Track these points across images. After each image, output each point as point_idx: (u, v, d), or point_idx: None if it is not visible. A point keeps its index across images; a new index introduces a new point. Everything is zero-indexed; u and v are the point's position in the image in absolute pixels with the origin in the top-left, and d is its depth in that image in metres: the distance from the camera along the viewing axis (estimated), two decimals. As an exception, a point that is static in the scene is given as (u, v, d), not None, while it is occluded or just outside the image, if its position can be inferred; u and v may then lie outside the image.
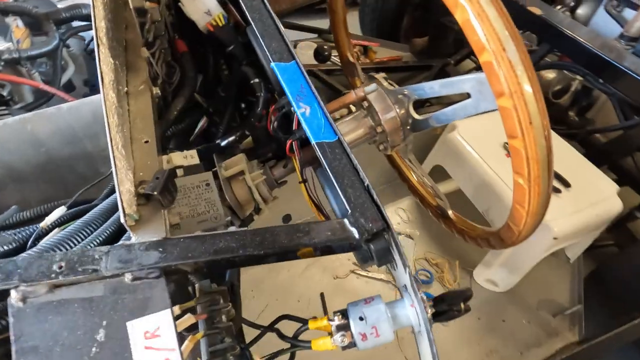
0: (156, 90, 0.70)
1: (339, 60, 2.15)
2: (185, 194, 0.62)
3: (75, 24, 1.43)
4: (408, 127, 0.76)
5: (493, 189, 1.53)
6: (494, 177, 1.53)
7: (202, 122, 0.91)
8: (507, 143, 0.47)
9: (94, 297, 0.44)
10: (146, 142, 0.58)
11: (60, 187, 0.93)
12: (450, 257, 1.82)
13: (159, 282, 0.45)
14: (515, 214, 0.56)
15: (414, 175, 0.99)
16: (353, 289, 1.75)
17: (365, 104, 0.78)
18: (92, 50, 1.68)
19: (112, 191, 0.81)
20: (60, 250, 0.56)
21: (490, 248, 0.73)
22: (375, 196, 0.50)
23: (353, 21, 3.27)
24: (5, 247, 0.62)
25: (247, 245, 0.47)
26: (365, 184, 0.51)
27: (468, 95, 0.58)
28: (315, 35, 2.86)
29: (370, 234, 0.49)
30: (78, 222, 0.62)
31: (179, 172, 0.65)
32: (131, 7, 0.67)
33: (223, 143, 0.85)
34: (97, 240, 0.58)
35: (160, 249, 0.46)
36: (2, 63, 1.08)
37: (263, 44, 0.62)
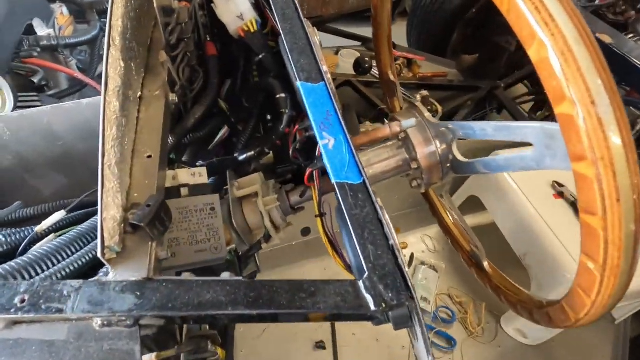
0: (173, 97, 0.64)
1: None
2: (186, 217, 0.56)
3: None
4: (448, 165, 0.66)
5: (535, 232, 1.37)
6: (538, 219, 1.37)
7: (223, 131, 0.85)
8: (557, 183, 0.36)
9: (55, 340, 0.38)
10: (149, 156, 0.52)
11: (74, 182, 0.90)
12: (476, 297, 1.67)
13: (130, 333, 0.38)
14: (576, 299, 0.44)
15: (448, 215, 0.88)
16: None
17: (402, 133, 0.69)
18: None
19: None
20: (42, 267, 0.51)
21: (532, 321, 0.61)
22: (401, 259, 0.41)
23: (400, 32, 3.16)
24: (-5, 251, 0.58)
25: (239, 301, 0.39)
26: (391, 243, 0.42)
27: (528, 144, 0.48)
28: (359, 44, 2.77)
29: (388, 306, 0.40)
30: (67, 236, 0.57)
31: (184, 191, 0.59)
32: (155, 5, 0.62)
33: (240, 158, 0.79)
34: (79, 263, 0.52)
35: (138, 293, 0.39)
36: (39, 49, 1.08)
37: (291, 59, 0.55)
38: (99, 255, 0.39)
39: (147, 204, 0.43)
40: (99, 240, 0.40)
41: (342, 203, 0.45)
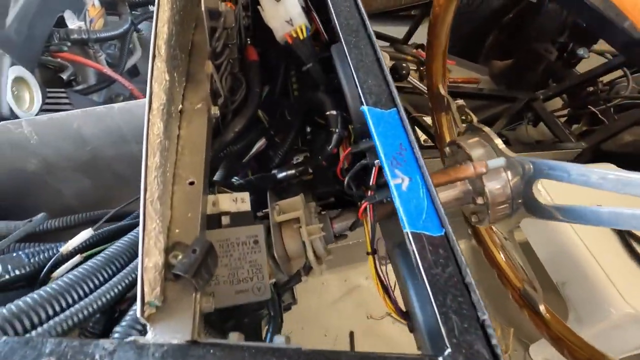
0: (215, 110, 0.58)
1: (415, 80, 1.94)
2: (227, 251, 0.49)
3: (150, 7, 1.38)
4: (520, 201, 0.58)
5: (577, 261, 1.27)
6: (582, 247, 1.27)
7: (260, 144, 0.78)
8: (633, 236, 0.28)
9: (83, 412, 0.32)
10: (191, 183, 0.46)
11: (98, 185, 0.86)
12: (504, 321, 1.58)
13: (170, 409, 0.32)
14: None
15: (500, 248, 0.80)
16: (387, 335, 1.57)
17: (466, 161, 0.61)
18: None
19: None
20: (67, 299, 0.45)
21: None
22: (494, 340, 0.34)
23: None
24: (17, 272, 0.53)
25: (298, 378, 0.33)
26: (482, 320, 0.35)
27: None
28: (387, 44, 2.67)
29: (477, 396, 0.33)
30: (96, 262, 0.51)
31: (225, 219, 0.52)
32: (203, 8, 0.55)
33: (280, 176, 0.72)
34: (110, 294, 0.47)
35: (181, 360, 0.33)
36: (69, 43, 1.04)
37: (356, 78, 0.47)
38: (138, 314, 0.33)
39: (193, 249, 0.37)
40: (138, 295, 0.34)
41: (417, 258, 0.38)
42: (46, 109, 0.93)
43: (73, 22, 1.11)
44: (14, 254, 0.55)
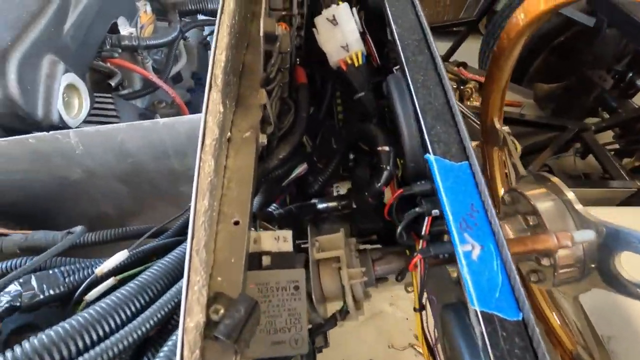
0: (262, 139, 0.55)
1: (463, 107, 1.86)
2: (265, 296, 0.46)
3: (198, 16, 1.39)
4: (593, 266, 0.51)
5: (629, 315, 1.16)
6: (635, 302, 1.15)
7: (302, 169, 0.75)
8: None
9: None
10: (236, 223, 0.43)
11: (137, 199, 0.85)
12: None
13: None
14: None
15: (555, 309, 0.73)
16: (409, 368, 1.49)
17: (529, 214, 0.55)
18: (208, 43, 1.66)
19: (182, 230, 0.70)
20: (98, 328, 0.43)
21: None
22: None
23: (471, 50, 2.93)
24: (52, 292, 0.52)
25: None
26: None
27: None
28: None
29: None
30: (129, 288, 0.49)
31: (265, 259, 0.49)
32: (261, 33, 0.53)
33: (320, 206, 0.69)
34: (142, 330, 0.45)
35: None
36: (120, 50, 1.05)
37: (422, 123, 0.43)
38: (176, 382, 0.30)
39: (237, 308, 0.33)
40: (177, 357, 0.31)
41: (487, 343, 0.33)
42: (92, 114, 0.95)
43: (125, 28, 1.12)
44: (50, 272, 0.54)
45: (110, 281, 0.54)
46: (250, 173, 0.49)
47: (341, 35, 0.65)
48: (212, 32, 1.55)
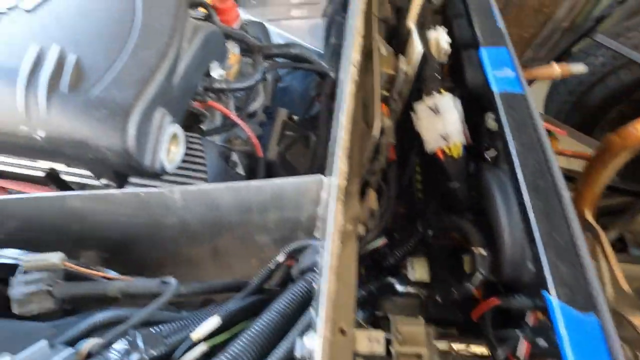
0: (360, 229, 0.57)
1: None
2: (358, 403, 0.47)
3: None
4: None
5: None
6: None
7: (381, 243, 0.75)
8: None
9: None
10: (342, 331, 0.44)
11: (219, 248, 0.90)
12: None
13: None
14: None
15: None
16: None
17: (638, 349, 0.51)
18: (280, 78, 1.73)
19: (262, 285, 0.73)
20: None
21: None
22: None
23: (537, 92, 2.81)
24: (153, 353, 0.55)
25: None
26: None
27: None
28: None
29: None
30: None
31: (358, 361, 0.50)
32: (374, 132, 0.55)
33: (400, 288, 0.68)
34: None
35: None
36: (212, 94, 1.13)
37: (544, 259, 0.42)
38: None
39: None
40: None
41: None
42: (182, 153, 1.02)
43: (216, 71, 1.20)
44: (153, 331, 0.58)
45: (203, 348, 0.58)
46: (353, 272, 0.50)
47: (442, 125, 0.66)
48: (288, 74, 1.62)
